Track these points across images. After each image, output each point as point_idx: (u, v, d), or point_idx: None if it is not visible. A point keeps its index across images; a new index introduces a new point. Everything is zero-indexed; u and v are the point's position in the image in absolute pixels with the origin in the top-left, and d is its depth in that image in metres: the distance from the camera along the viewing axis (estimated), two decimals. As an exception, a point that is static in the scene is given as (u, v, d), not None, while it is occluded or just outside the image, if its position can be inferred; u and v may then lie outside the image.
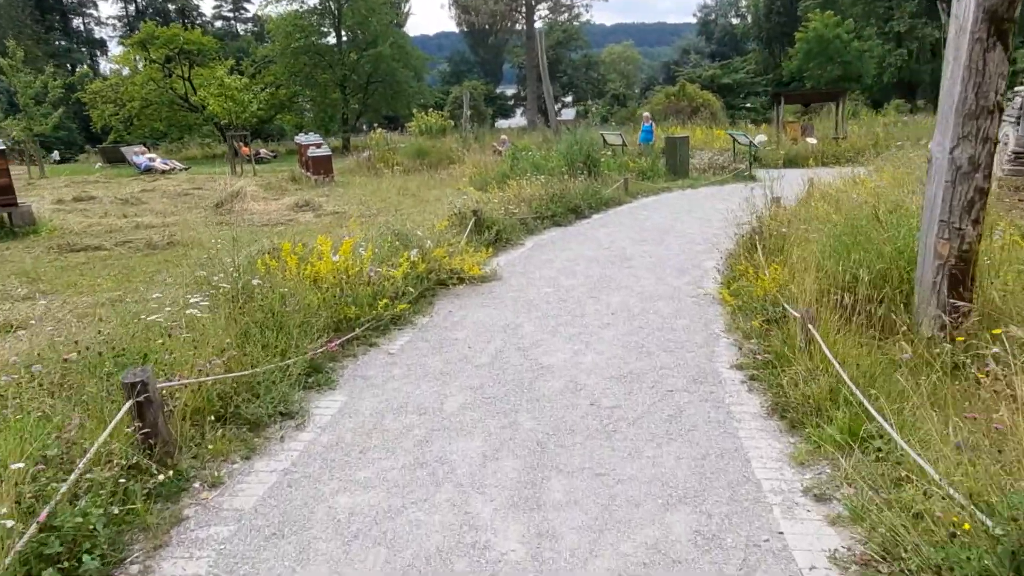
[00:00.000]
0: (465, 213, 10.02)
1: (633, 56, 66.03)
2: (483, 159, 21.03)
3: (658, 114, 31.05)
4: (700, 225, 11.47)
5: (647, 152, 19.48)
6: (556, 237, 10.82)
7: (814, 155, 20.22)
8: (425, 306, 7.19)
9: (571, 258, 9.31)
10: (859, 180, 13.46)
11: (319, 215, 13.74)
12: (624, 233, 10.90)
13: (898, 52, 40.22)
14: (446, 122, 24.93)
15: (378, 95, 34.16)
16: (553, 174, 14.63)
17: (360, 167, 23.39)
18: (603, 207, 13.15)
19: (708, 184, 16.55)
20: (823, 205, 10.29)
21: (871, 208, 6.85)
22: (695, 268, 8.58)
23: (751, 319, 6.05)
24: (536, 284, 8.02)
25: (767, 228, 8.00)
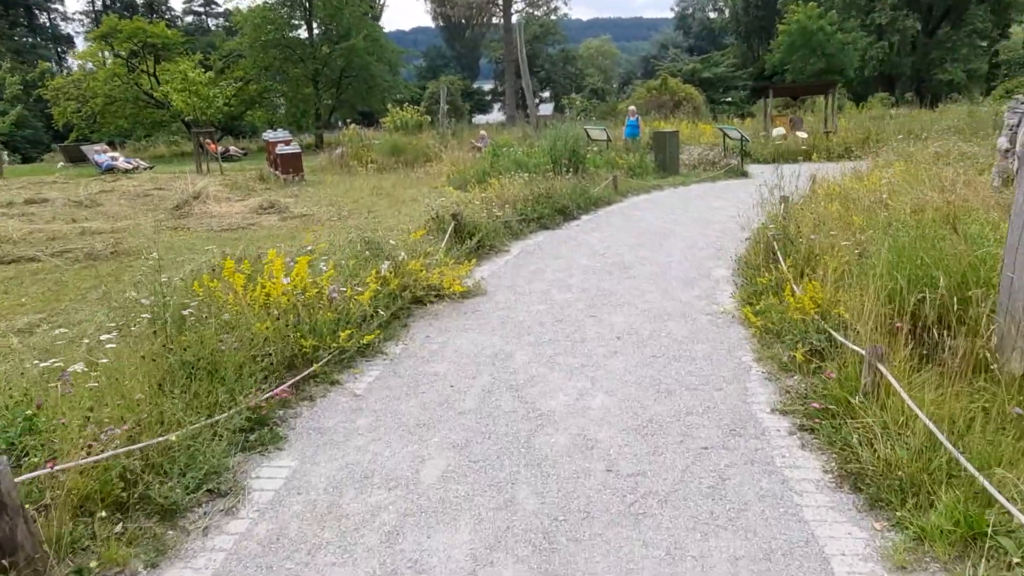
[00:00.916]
0: (444, 217, 8.94)
1: (611, 50, 65.11)
2: (462, 156, 19.91)
3: (640, 108, 30.10)
4: (700, 227, 10.48)
5: (634, 147, 18.49)
6: (544, 242, 9.77)
7: (806, 150, 19.41)
8: (399, 330, 6.10)
9: (563, 267, 8.27)
10: (863, 176, 12.59)
11: (285, 218, 12.55)
12: (619, 237, 9.88)
13: (879, 45, 39.65)
14: (422, 118, 23.73)
15: (352, 90, 32.79)
16: (537, 172, 13.58)
17: (333, 165, 22.13)
18: (592, 207, 12.13)
19: (700, 181, 15.60)
20: (834, 205, 9.36)
21: (935, 215, 5.84)
22: (704, 278, 7.58)
23: (787, 346, 5.05)
24: (526, 300, 6.97)
25: (789, 233, 7.00)
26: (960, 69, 40.71)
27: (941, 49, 41.62)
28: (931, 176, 10.32)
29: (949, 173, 10.33)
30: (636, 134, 19.52)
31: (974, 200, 8.57)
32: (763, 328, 5.56)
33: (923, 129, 21.25)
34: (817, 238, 6.53)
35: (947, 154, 13.93)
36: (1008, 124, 10.65)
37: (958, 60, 41.15)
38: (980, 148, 13.88)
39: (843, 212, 9.07)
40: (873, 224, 8.03)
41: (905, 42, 41.27)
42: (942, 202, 8.74)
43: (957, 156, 13.57)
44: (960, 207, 8.24)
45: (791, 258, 6.63)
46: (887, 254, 4.67)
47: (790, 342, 5.02)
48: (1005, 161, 10.57)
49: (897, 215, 7.71)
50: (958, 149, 14.24)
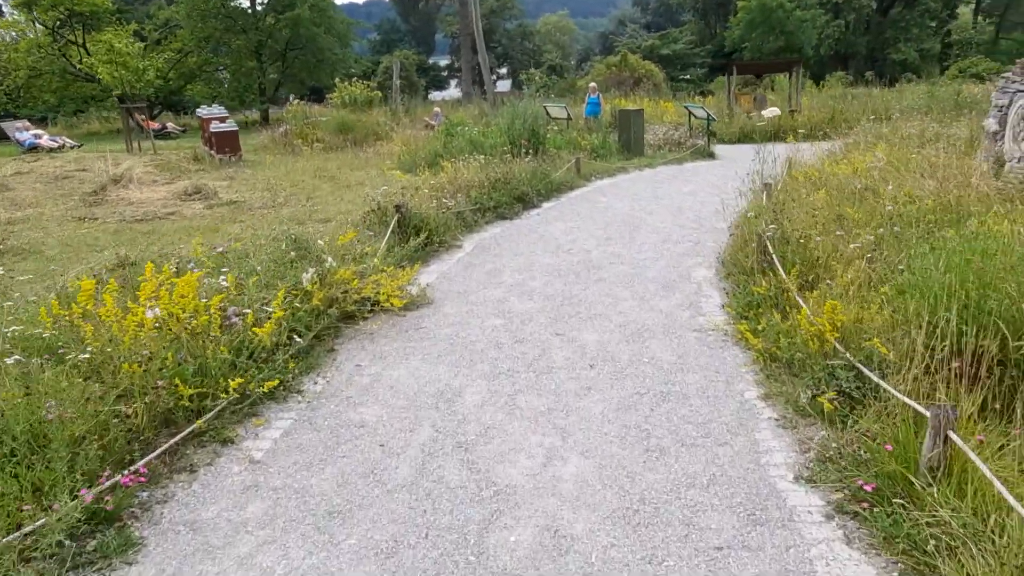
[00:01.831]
0: (386, 209, 7.70)
1: (568, 26, 63.57)
2: (414, 134, 18.53)
3: (601, 85, 28.94)
4: (672, 216, 9.44)
5: (595, 126, 17.36)
6: (502, 235, 8.60)
7: (772, 130, 18.55)
8: (322, 358, 4.90)
9: (523, 267, 7.13)
10: (839, 158, 11.71)
11: (211, 206, 11.10)
12: (585, 228, 8.77)
13: (836, 23, 39.16)
14: (372, 93, 22.14)
15: (299, 63, 30.80)
16: (494, 153, 12.37)
17: (276, 143, 20.47)
18: (554, 193, 10.99)
19: (667, 163, 14.57)
20: (820, 192, 8.42)
21: (933, 205, 4.86)
22: (684, 281, 6.53)
23: (802, 383, 4.02)
24: (480, 312, 5.81)
25: (785, 232, 5.97)
26: (913, 49, 40.56)
27: (895, 29, 41.40)
28: (917, 160, 9.46)
29: (937, 157, 9.49)
30: (597, 112, 18.39)
31: (973, 189, 7.72)
32: (766, 353, 4.53)
33: (887, 109, 20.64)
34: (821, 240, 5.51)
35: (921, 135, 13.17)
36: (996, 104, 9.84)
37: (911, 40, 40.99)
38: (956, 129, 13.14)
39: (830, 201, 8.14)
40: (870, 218, 7.10)
41: (860, 21, 40.90)
42: (938, 190, 7.88)
43: (932, 137, 12.82)
44: (961, 197, 7.37)
45: (789, 261, 5.62)
46: (939, 275, 3.63)
47: (808, 379, 3.98)
48: (995, 145, 9.76)
49: (898, 209, 6.78)
50: (932, 130, 13.50)
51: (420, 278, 6.73)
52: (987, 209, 6.80)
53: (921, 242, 4.78)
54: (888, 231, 5.75)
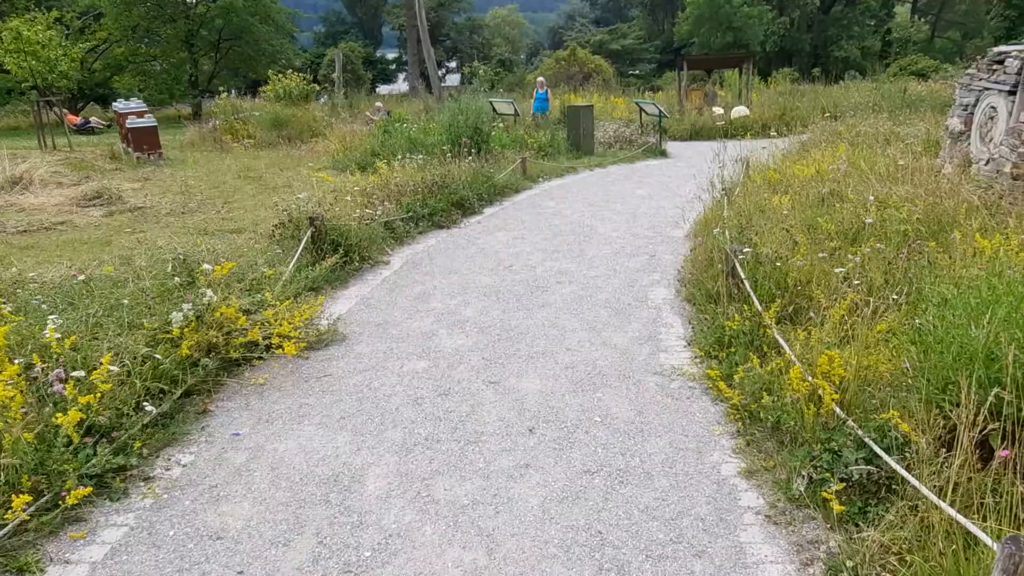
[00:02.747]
0: (299, 221, 6.60)
1: (518, 20, 62.39)
2: (353, 131, 17.28)
3: (550, 80, 28.05)
4: (626, 223, 8.56)
5: (544, 123, 16.43)
6: (436, 248, 7.59)
7: (723, 126, 17.92)
8: (190, 424, 3.82)
9: (457, 288, 6.13)
10: (796, 158, 11.03)
11: (112, 213, 9.76)
12: (530, 239, 7.82)
13: (781, 20, 39.10)
14: (309, 86, 20.71)
15: (234, 55, 28.97)
16: (434, 153, 11.34)
17: (204, 140, 18.98)
18: (498, 198, 10.01)
19: (617, 162, 13.74)
20: (784, 198, 7.66)
21: (909, 212, 4.05)
22: (641, 304, 5.63)
23: (794, 459, 3.14)
24: (400, 351, 4.80)
25: (758, 252, 5.11)
26: (855, 46, 40.86)
27: (837, 26, 41.63)
28: (884, 163, 8.80)
29: (903, 159, 8.85)
30: (546, 108, 17.46)
31: (951, 196, 7.04)
32: (743, 410, 3.65)
33: (836, 105, 20.28)
34: (802, 263, 4.67)
35: (876, 133, 12.64)
36: (961, 103, 9.25)
37: (853, 37, 41.29)
38: (912, 128, 12.65)
39: (795, 207, 7.38)
40: (843, 228, 6.34)
41: (804, 18, 41.00)
42: (912, 196, 7.20)
43: (889, 136, 12.29)
44: (936, 204, 6.68)
45: (762, 286, 4.77)
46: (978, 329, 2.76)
47: (802, 456, 3.10)
48: (960, 145, 9.18)
49: (877, 219, 6.03)
50: (887, 128, 12.99)
51: (334, 306, 5.67)
52: (973, 219, 6.11)
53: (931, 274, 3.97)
54: (872, 249, 4.96)
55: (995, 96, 8.34)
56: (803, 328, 4.12)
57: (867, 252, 4.72)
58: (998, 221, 5.86)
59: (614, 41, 42.85)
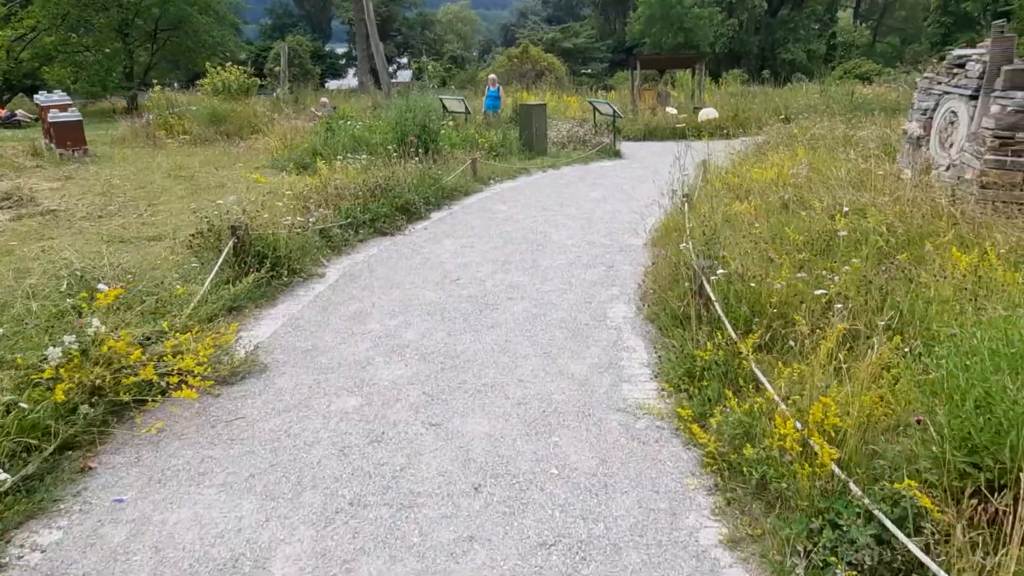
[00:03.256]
0: (219, 231, 5.87)
1: (470, 17, 61.59)
2: (297, 127, 16.37)
3: (502, 77, 27.47)
4: (581, 229, 8.06)
5: (496, 122, 15.85)
6: (378, 258, 6.93)
7: (677, 127, 17.64)
8: (64, 486, 3.12)
9: (398, 306, 5.51)
10: (753, 161, 10.72)
11: (20, 216, 8.77)
12: (479, 248, 7.24)
13: (730, 22, 39.35)
14: (250, 80, 19.65)
15: (172, 46, 27.50)
16: (380, 152, 10.66)
17: (137, 136, 17.78)
18: (446, 201, 9.38)
19: (571, 163, 13.24)
20: (747, 204, 7.27)
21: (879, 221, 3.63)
22: (599, 324, 5.11)
23: (783, 524, 2.64)
24: (328, 385, 4.17)
25: (729, 273, 4.63)
26: (801, 49, 41.44)
27: (784, 29, 42.17)
28: (846, 168, 8.50)
29: (865, 164, 8.57)
30: (497, 106, 16.88)
31: (917, 203, 6.74)
32: (722, 460, 3.15)
33: (787, 107, 20.25)
34: (779, 285, 4.20)
35: (831, 136, 12.47)
36: (919, 107, 9.04)
37: (799, 41, 41.88)
38: (866, 131, 12.51)
39: (758, 214, 6.99)
40: (812, 238, 5.95)
41: (752, 21, 41.38)
42: (874, 202, 6.88)
43: (843, 139, 12.12)
44: (903, 212, 6.37)
45: (733, 307, 4.30)
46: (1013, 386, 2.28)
47: (797, 527, 2.59)
48: (919, 150, 8.96)
49: (847, 228, 5.64)
50: (840, 131, 12.83)
51: (258, 328, 4.99)
52: (946, 230, 5.79)
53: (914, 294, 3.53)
54: (851, 268, 4.54)
55: (955, 100, 8.11)
56: (783, 359, 3.65)
57: (846, 271, 4.29)
58: (974, 232, 5.54)
59: (566, 39, 42.51)
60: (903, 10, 48.82)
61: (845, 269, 4.31)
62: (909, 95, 22.31)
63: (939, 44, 41.42)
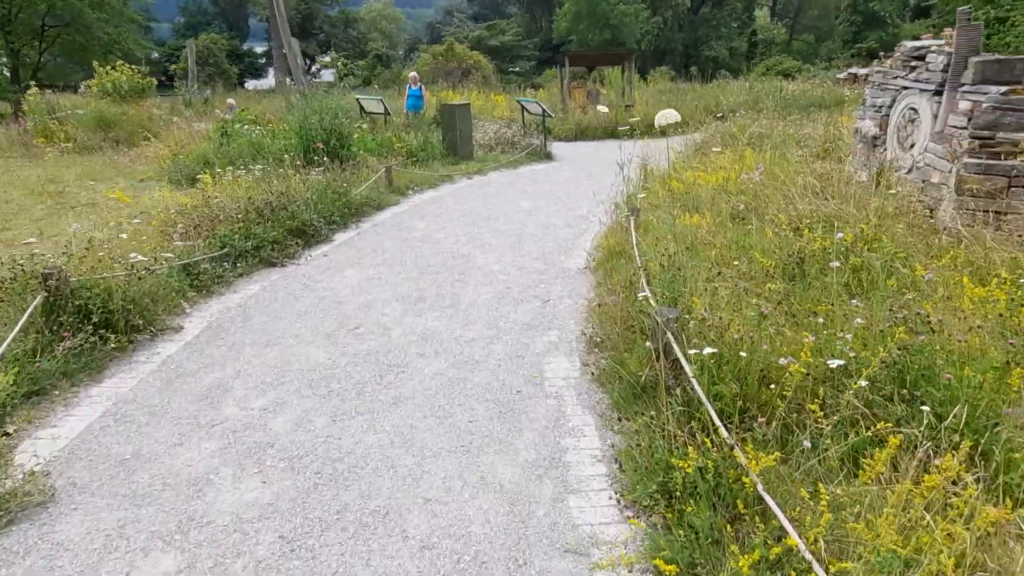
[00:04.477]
0: (26, 281, 4.33)
1: (394, 14, 59.44)
2: (195, 132, 14.51)
3: (426, 76, 25.98)
4: (511, 249, 6.80)
5: (417, 124, 14.43)
6: (258, 300, 5.49)
7: (608, 127, 16.66)
8: None
9: (271, 376, 4.12)
10: (697, 164, 9.71)
11: None
12: (388, 280, 5.89)
13: (655, 20, 38.92)
14: (144, 80, 17.54)
15: (64, 44, 24.80)
16: (283, 160, 9.17)
17: (13, 144, 15.52)
18: (354, 218, 7.97)
19: (499, 167, 11.98)
20: (701, 217, 6.18)
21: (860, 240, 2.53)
22: (535, 392, 3.86)
23: None
24: (134, 534, 2.75)
25: (692, 314, 3.45)
26: (724, 47, 41.48)
27: (707, 27, 42.13)
28: (803, 173, 7.55)
29: (824, 169, 7.64)
30: (420, 106, 15.46)
31: (892, 215, 5.80)
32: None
33: (718, 104, 19.58)
34: (788, 361, 3.03)
35: (771, 134, 11.64)
36: (873, 104, 8.18)
37: (721, 38, 41.91)
38: (808, 129, 11.74)
39: (715, 228, 5.92)
40: (782, 258, 4.88)
41: (676, 18, 41.13)
42: (839, 212, 5.92)
43: (782, 137, 11.31)
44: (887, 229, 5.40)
45: (712, 376, 3.12)
46: None
47: None
48: (874, 151, 8.10)
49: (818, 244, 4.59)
50: (780, 129, 12.03)
51: (65, 423, 3.52)
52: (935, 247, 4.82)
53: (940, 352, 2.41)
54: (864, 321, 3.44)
55: (915, 96, 7.24)
56: (797, 464, 2.49)
57: (858, 323, 3.17)
58: (963, 248, 4.59)
59: (493, 37, 41.22)
60: (816, 9, 49.71)
61: (857, 321, 3.19)
62: (833, 91, 22.11)
63: (850, 41, 42.25)
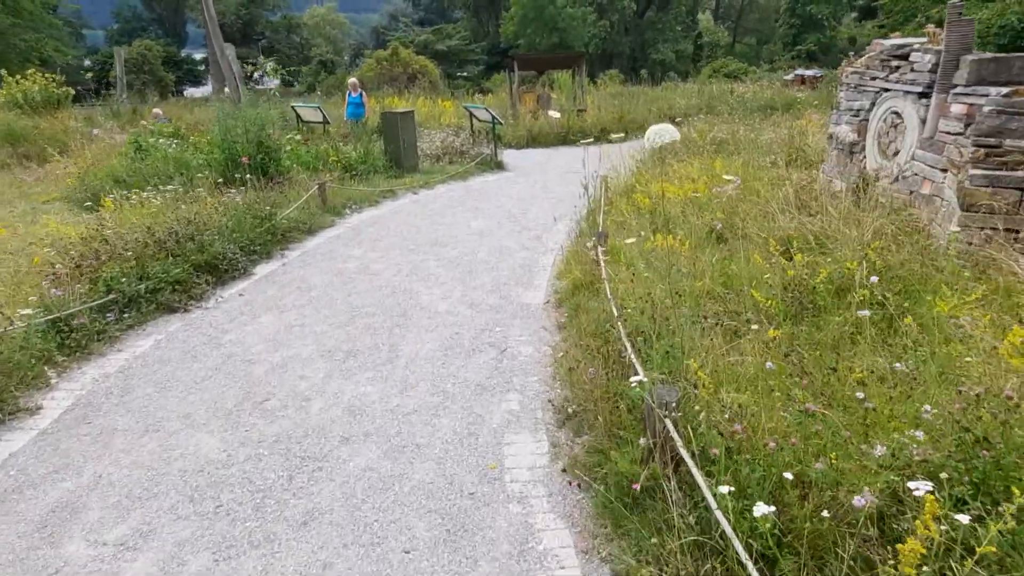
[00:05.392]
0: None
1: (338, 19, 57.66)
2: (115, 146, 13.09)
3: (371, 82, 24.76)
4: (460, 281, 5.83)
5: (358, 133, 13.31)
6: (146, 364, 4.39)
7: (561, 132, 15.83)
8: None
9: (139, 487, 3.06)
10: (660, 173, 8.90)
11: None
12: (312, 328, 4.84)
13: (601, 23, 38.43)
14: (60, 90, 15.92)
15: (-26, 51, 22.76)
16: (204, 178, 8.03)
17: (-95, 162, 13.79)
18: (280, 245, 6.87)
19: (448, 179, 10.98)
20: (672, 240, 5.32)
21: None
22: (493, 495, 2.91)
23: None
24: None
25: (700, 392, 2.55)
26: (670, 50, 41.30)
27: (653, 30, 41.89)
28: (773, 180, 6.80)
29: (807, 180, 6.91)
30: (361, 114, 14.34)
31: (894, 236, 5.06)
32: None
33: (671, 107, 18.99)
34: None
35: (733, 140, 10.97)
36: (850, 108, 7.50)
37: (668, 41, 41.73)
38: (769, 133, 11.10)
39: (693, 254, 5.08)
40: (781, 294, 4.04)
41: (623, 22, 40.76)
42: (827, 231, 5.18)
43: (749, 143, 10.64)
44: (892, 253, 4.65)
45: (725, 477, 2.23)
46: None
47: None
48: (852, 158, 7.42)
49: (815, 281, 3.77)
50: (741, 135, 11.38)
51: None
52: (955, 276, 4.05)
53: None
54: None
55: (899, 99, 6.54)
56: None
57: (927, 415, 2.32)
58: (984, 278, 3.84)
59: (439, 42, 40.08)
60: (756, 12, 50.16)
61: (925, 412, 2.33)
62: (783, 92, 21.78)
63: (791, 44, 42.57)
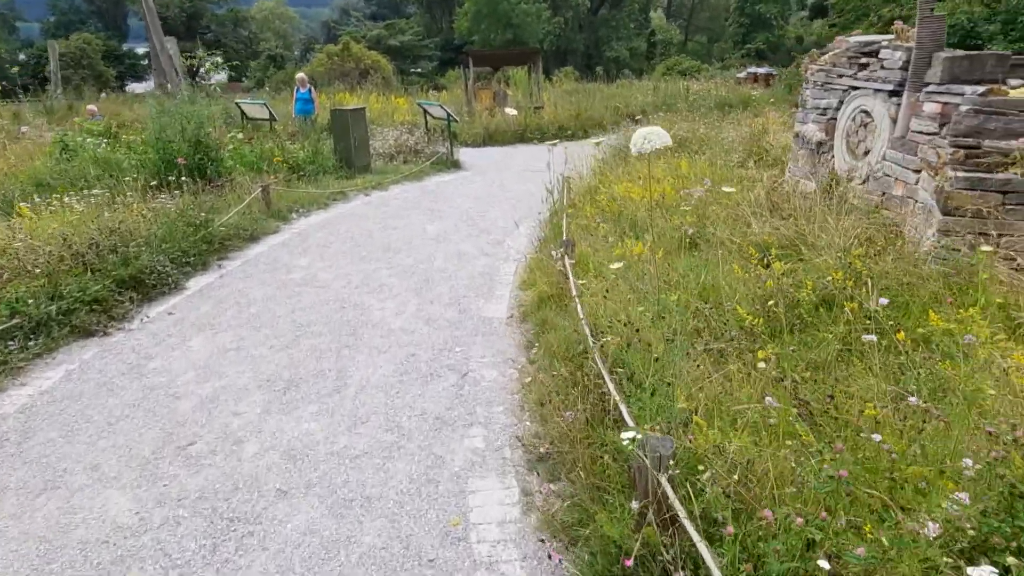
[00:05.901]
0: None
1: (287, 14, 55.97)
2: (42, 146, 12.11)
3: (322, 78, 23.90)
4: (415, 293, 5.34)
5: (306, 131, 12.61)
6: (51, 400, 3.78)
7: (518, 130, 15.39)
8: None
9: (29, 564, 2.52)
10: (623, 174, 8.55)
11: None
12: (250, 350, 4.30)
13: (556, 20, 38.10)
14: (-19, 85, 14.67)
15: None
16: (136, 182, 7.35)
17: None
18: (217, 255, 6.26)
19: (401, 179, 10.43)
20: (641, 248, 4.95)
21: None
22: (455, 554, 2.45)
23: None
24: None
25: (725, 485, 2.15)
26: (624, 47, 41.25)
27: (607, 27, 41.75)
28: (742, 180, 6.50)
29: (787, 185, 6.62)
30: (310, 110, 13.63)
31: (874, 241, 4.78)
32: None
33: (628, 105, 18.75)
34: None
35: (694, 138, 10.72)
36: (817, 106, 7.27)
37: (621, 39, 41.66)
38: (728, 132, 10.89)
39: (665, 261, 4.71)
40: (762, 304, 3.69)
41: (577, 18, 40.53)
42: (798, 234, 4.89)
43: (710, 141, 10.40)
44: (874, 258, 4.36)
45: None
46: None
47: None
48: (819, 157, 7.19)
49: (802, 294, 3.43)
50: (702, 133, 11.15)
51: None
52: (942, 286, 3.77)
53: None
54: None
55: (868, 98, 6.30)
56: None
57: (968, 471, 1.97)
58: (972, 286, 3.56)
59: (392, 37, 39.17)
60: (707, 11, 50.58)
61: (966, 468, 1.98)
62: (737, 90, 21.76)
63: (740, 42, 43.01)
